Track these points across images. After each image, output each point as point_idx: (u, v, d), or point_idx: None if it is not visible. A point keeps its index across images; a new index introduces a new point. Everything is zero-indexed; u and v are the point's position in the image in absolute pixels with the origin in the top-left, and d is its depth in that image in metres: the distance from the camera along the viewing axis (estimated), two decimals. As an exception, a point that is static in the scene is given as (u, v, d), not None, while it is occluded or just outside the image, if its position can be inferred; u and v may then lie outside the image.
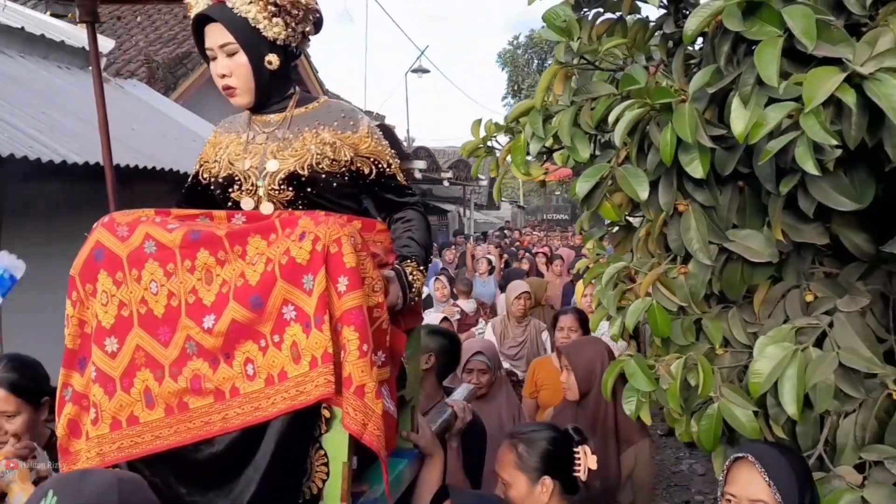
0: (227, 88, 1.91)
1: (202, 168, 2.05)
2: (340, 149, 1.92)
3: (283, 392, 1.62)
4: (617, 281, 2.26)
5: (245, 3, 1.82)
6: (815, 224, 1.95)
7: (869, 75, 1.46)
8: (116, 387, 1.69)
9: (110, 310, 1.70)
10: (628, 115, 1.86)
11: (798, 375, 1.84)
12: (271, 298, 1.63)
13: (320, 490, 1.67)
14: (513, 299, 5.51)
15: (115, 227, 1.73)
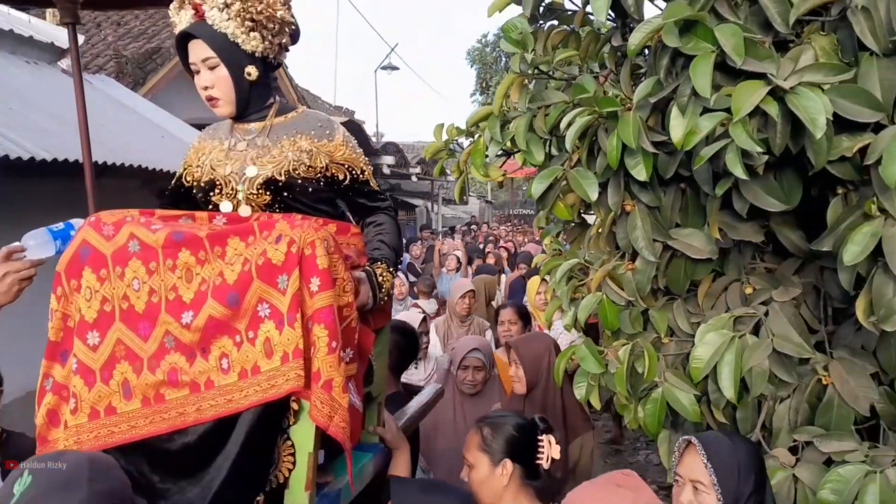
0: (211, 99, 2.01)
1: (186, 171, 2.15)
2: (317, 156, 2.02)
3: (256, 385, 1.69)
4: (570, 276, 2.40)
5: (223, 20, 1.92)
6: (750, 223, 2.10)
7: (790, 89, 1.61)
8: (96, 378, 1.75)
9: (93, 305, 1.76)
10: (579, 121, 2.00)
11: (735, 360, 1.98)
12: (247, 297, 1.70)
13: (286, 479, 1.74)
14: (457, 298, 5.41)
15: (101, 227, 1.80)
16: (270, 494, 1.74)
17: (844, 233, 1.77)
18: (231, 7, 1.92)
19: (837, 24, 1.78)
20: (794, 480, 1.98)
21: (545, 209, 2.31)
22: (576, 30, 2.26)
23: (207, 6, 1.93)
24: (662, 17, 1.74)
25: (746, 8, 1.83)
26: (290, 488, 1.74)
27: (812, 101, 1.58)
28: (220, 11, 1.92)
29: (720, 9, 1.79)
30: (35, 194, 4.86)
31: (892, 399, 1.98)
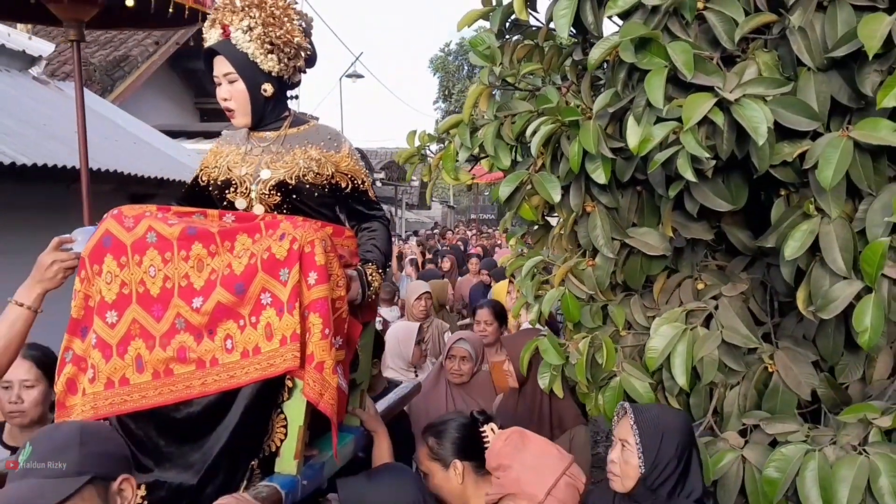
0: (228, 110, 2.20)
1: (202, 172, 2.32)
2: (324, 165, 2.21)
3: (256, 364, 1.88)
4: (535, 273, 2.54)
5: (245, 41, 2.11)
6: (701, 222, 2.26)
7: (735, 101, 1.77)
8: (113, 352, 1.94)
9: (113, 288, 1.95)
10: (543, 129, 2.14)
11: (687, 351, 2.13)
12: (252, 286, 1.89)
13: (278, 448, 1.94)
14: (413, 300, 5.41)
15: (123, 219, 1.98)
16: (263, 461, 1.93)
17: (786, 230, 1.94)
18: (253, 31, 2.10)
19: (778, 42, 1.96)
20: (742, 461, 2.13)
21: (511, 211, 2.45)
22: (540, 45, 2.41)
23: (233, 27, 2.11)
24: (619, 34, 1.89)
25: (696, 26, 1.99)
26: (281, 456, 1.93)
27: (755, 112, 1.74)
28: (244, 33, 2.11)
29: (672, 27, 1.95)
30: (17, 198, 4.92)
31: (831, 384, 2.14)
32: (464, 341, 3.66)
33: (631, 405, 2.08)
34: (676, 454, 1.98)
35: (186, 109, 11.49)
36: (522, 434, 2.28)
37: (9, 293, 4.38)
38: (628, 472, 2.01)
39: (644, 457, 1.97)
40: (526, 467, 2.18)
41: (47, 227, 5.27)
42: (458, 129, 2.52)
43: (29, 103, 5.79)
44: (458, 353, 3.63)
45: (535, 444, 2.26)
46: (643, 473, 1.98)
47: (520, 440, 2.26)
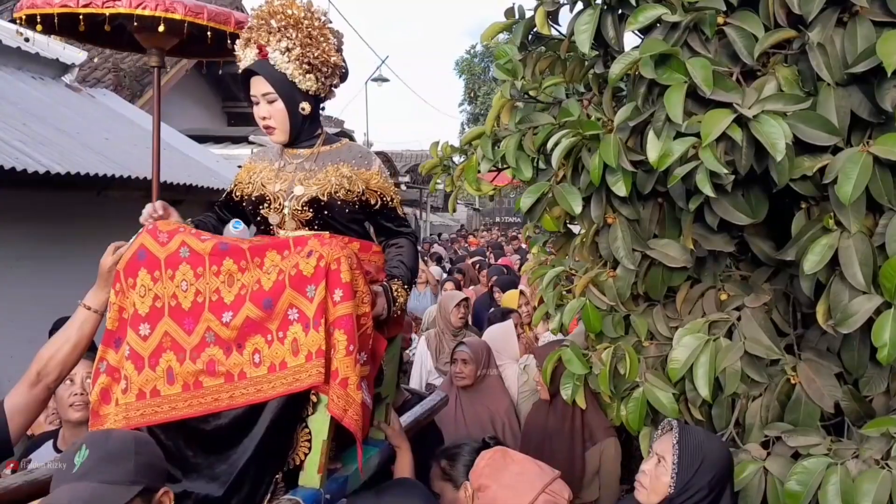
0: (267, 128, 2.25)
1: (236, 187, 2.38)
2: (355, 182, 2.24)
3: (283, 378, 1.91)
4: (556, 282, 2.56)
5: (284, 62, 2.15)
6: (722, 234, 2.27)
7: (753, 117, 1.78)
8: (145, 364, 1.98)
9: (146, 301, 2.00)
10: (564, 142, 2.17)
11: (709, 362, 2.15)
12: (280, 302, 1.93)
13: (302, 461, 1.97)
14: (451, 308, 5.18)
15: (157, 234, 2.03)
16: (288, 474, 1.97)
17: (805, 244, 1.95)
18: (292, 52, 2.15)
19: (798, 57, 1.97)
20: (764, 472, 2.14)
21: (533, 221, 2.48)
22: (562, 57, 2.43)
23: (271, 48, 2.15)
24: (640, 50, 1.91)
25: (716, 41, 2.00)
26: (305, 470, 1.96)
27: (773, 128, 1.76)
28: (282, 54, 2.15)
29: (692, 43, 1.97)
30: (49, 206, 5.06)
31: (854, 397, 2.13)
32: (464, 345, 3.77)
33: (679, 423, 2.08)
34: (709, 484, 1.98)
35: (214, 113, 11.63)
36: (505, 453, 2.33)
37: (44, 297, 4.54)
38: (657, 488, 2.02)
39: (677, 478, 1.99)
40: (503, 486, 2.22)
41: (79, 235, 5.44)
42: (480, 140, 2.55)
43: (62, 111, 5.93)
44: (458, 357, 3.72)
45: (515, 464, 2.30)
46: (671, 494, 1.99)
47: (501, 459, 2.30)
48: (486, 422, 3.44)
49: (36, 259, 5.11)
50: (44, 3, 3.01)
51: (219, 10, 3.10)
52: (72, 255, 5.32)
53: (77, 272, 5.32)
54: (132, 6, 2.91)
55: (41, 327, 4.83)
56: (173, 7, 2.95)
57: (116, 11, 2.91)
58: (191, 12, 2.99)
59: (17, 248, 5.00)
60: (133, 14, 2.90)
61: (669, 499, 1.99)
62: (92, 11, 2.93)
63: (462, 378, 3.64)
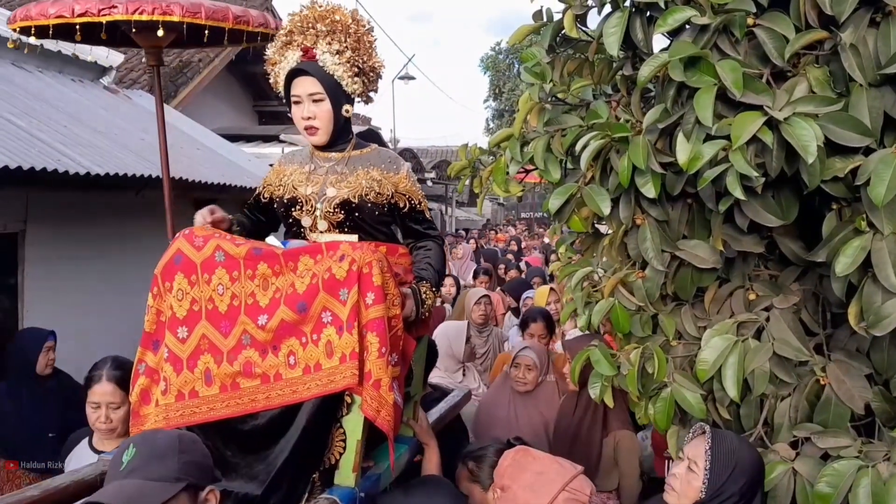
0: (310, 128, 2.30)
1: (265, 189, 2.44)
2: (385, 185, 2.31)
3: (317, 380, 1.98)
4: (584, 283, 2.57)
5: (334, 64, 2.24)
6: (751, 235, 2.26)
7: (784, 119, 1.78)
8: (183, 366, 2.05)
9: (184, 304, 2.06)
10: (593, 144, 2.18)
11: (738, 363, 2.14)
12: (314, 305, 1.99)
13: (337, 461, 2.03)
14: (472, 305, 5.19)
15: (193, 239, 2.10)
16: (324, 473, 2.03)
17: (837, 245, 1.93)
18: (342, 55, 2.24)
19: (830, 57, 1.95)
20: (793, 473, 2.12)
21: (561, 222, 2.49)
22: (590, 59, 2.44)
23: (320, 50, 2.23)
24: (669, 53, 1.91)
25: (746, 43, 2.00)
26: (341, 469, 2.03)
27: (804, 130, 1.75)
28: (332, 56, 2.23)
29: (721, 44, 1.97)
30: (89, 206, 5.20)
31: (885, 398, 2.12)
32: (529, 350, 3.65)
33: (712, 428, 2.09)
34: (740, 491, 1.99)
35: (245, 113, 11.75)
36: (527, 453, 2.36)
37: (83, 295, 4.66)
38: (688, 492, 2.03)
39: (708, 484, 1.99)
40: (524, 487, 2.25)
41: (117, 234, 5.55)
42: (508, 142, 2.57)
43: (101, 113, 6.06)
44: (523, 362, 3.61)
45: (536, 463, 2.33)
46: (702, 499, 1.99)
47: (523, 459, 2.33)
48: (541, 429, 3.42)
49: (76, 258, 5.24)
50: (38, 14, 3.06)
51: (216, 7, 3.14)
52: (110, 255, 5.46)
53: (115, 271, 5.47)
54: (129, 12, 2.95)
55: (82, 326, 4.98)
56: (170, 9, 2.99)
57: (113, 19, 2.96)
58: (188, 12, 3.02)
59: (59, 248, 5.15)
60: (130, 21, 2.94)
61: (700, 503, 1.99)
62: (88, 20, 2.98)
63: (524, 384, 3.58)
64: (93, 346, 4.62)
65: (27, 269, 4.99)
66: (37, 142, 4.50)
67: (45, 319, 4.89)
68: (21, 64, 6.04)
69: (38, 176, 4.03)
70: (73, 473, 2.01)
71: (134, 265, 5.41)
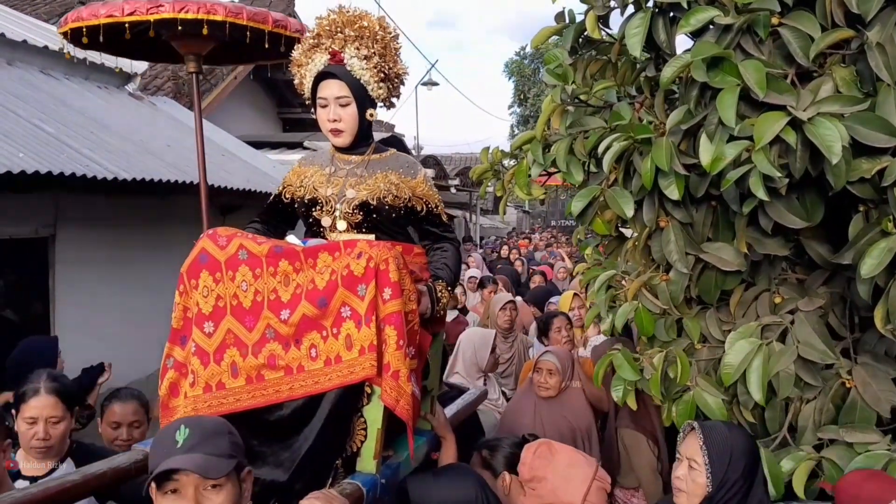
0: (335, 131, 2.36)
1: (285, 189, 2.50)
2: (402, 189, 2.37)
3: (338, 371, 2.05)
4: (608, 286, 2.57)
5: (362, 68, 2.29)
6: (776, 238, 2.25)
7: (808, 119, 1.77)
8: (210, 360, 2.12)
9: (209, 301, 2.14)
10: (616, 146, 2.18)
11: (763, 366, 2.13)
12: (333, 300, 2.06)
13: (359, 449, 2.11)
14: (497, 311, 5.12)
15: (217, 238, 2.17)
16: (346, 461, 2.10)
17: (863, 247, 1.91)
18: (370, 60, 2.29)
19: (857, 57, 1.93)
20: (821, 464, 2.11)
21: (584, 225, 2.49)
22: (613, 60, 2.44)
23: (347, 55, 2.29)
24: (691, 54, 1.91)
25: (770, 43, 1.99)
26: (362, 456, 2.11)
27: (829, 130, 1.74)
28: (360, 61, 2.29)
29: (745, 44, 1.96)
30: (116, 211, 5.30)
31: (913, 402, 2.08)
32: (551, 354, 3.63)
33: (699, 423, 2.11)
34: (742, 474, 2.01)
35: (269, 120, 11.84)
36: (550, 445, 2.43)
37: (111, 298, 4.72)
38: (695, 490, 2.05)
39: (712, 477, 2.01)
40: (559, 477, 2.33)
41: (143, 238, 5.63)
42: (530, 145, 2.57)
43: (126, 119, 6.15)
44: (544, 366, 3.59)
45: (563, 454, 2.41)
46: (710, 493, 2.01)
47: (548, 451, 2.40)
48: (567, 436, 3.39)
49: (104, 262, 5.33)
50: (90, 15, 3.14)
51: (257, 11, 3.23)
52: (136, 258, 5.54)
53: (141, 274, 5.55)
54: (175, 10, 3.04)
55: (110, 329, 5.05)
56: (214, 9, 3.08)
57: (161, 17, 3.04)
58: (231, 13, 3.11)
59: (87, 252, 5.24)
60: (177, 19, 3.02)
61: (709, 497, 2.02)
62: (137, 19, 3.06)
63: (546, 389, 3.57)
64: (120, 348, 4.71)
65: (57, 272, 5.09)
66: (65, 147, 4.59)
67: (74, 322, 4.99)
68: (48, 71, 6.15)
69: (66, 181, 4.11)
70: (110, 461, 2.09)
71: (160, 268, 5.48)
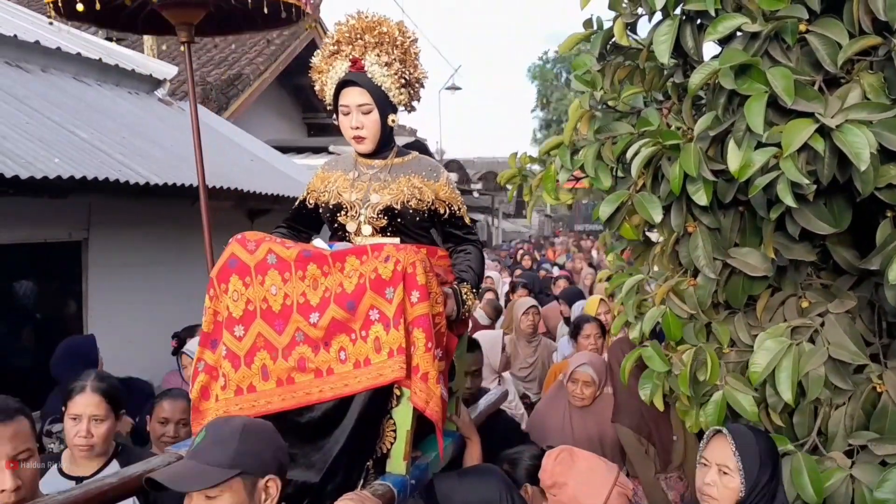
0: (358, 137, 2.39)
1: (309, 195, 2.54)
2: (426, 192, 2.40)
3: (367, 374, 2.08)
4: (636, 291, 2.59)
5: (382, 75, 2.32)
6: (803, 243, 2.26)
7: (836, 127, 1.78)
8: (241, 363, 2.15)
9: (239, 304, 2.16)
10: (644, 151, 2.20)
11: (792, 366, 2.12)
12: (362, 303, 2.08)
13: (388, 450, 2.13)
14: (520, 315, 5.19)
15: (246, 243, 2.20)
16: (376, 462, 2.14)
17: (891, 253, 1.93)
18: (391, 66, 2.32)
19: (884, 63, 1.95)
20: (851, 480, 2.11)
21: (612, 230, 2.52)
22: (640, 66, 2.47)
23: (368, 62, 2.32)
24: (719, 61, 1.93)
25: (798, 49, 2.00)
26: (392, 458, 2.13)
27: (857, 137, 1.75)
28: (381, 67, 2.32)
29: (772, 51, 1.98)
30: (147, 215, 5.41)
31: (944, 407, 2.09)
32: (587, 366, 3.56)
33: (727, 427, 2.12)
34: (769, 477, 2.03)
35: (295, 125, 11.97)
36: (571, 451, 2.43)
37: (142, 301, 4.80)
38: (728, 495, 2.06)
39: (746, 481, 2.03)
40: (580, 483, 2.32)
41: (173, 242, 5.72)
42: (558, 150, 2.60)
43: (156, 124, 6.26)
44: (581, 378, 3.54)
45: (583, 460, 2.40)
46: (742, 498, 2.03)
47: (568, 457, 2.39)
48: (596, 442, 3.41)
49: (135, 266, 5.43)
50: None
51: None
52: (167, 262, 5.63)
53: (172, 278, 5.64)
54: None
55: (142, 331, 5.15)
56: None
57: None
58: None
59: (119, 255, 5.35)
60: None
61: (741, 502, 2.03)
62: None
63: (581, 399, 3.55)
64: (152, 351, 4.79)
65: (90, 275, 5.19)
66: (98, 152, 4.67)
67: (107, 325, 5.08)
68: (81, 78, 6.28)
69: (100, 185, 4.18)
70: (146, 463, 2.11)
71: (190, 272, 5.57)
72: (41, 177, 3.79)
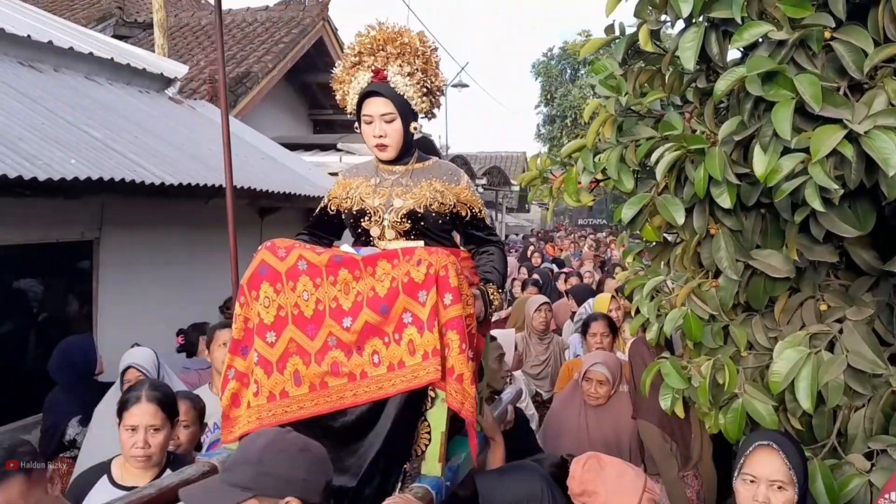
0: (381, 146, 2.42)
1: (331, 202, 2.56)
2: (447, 195, 2.42)
3: (401, 377, 2.10)
4: (655, 292, 2.61)
5: (405, 84, 2.35)
6: (826, 245, 2.27)
7: (864, 133, 1.80)
8: (273, 369, 2.16)
9: (271, 311, 2.17)
10: (668, 155, 2.22)
11: (812, 375, 2.14)
12: (395, 307, 2.11)
13: (423, 452, 2.15)
14: (532, 313, 5.20)
15: (276, 250, 2.21)
16: (411, 464, 2.14)
17: (912, 255, 1.95)
18: (413, 76, 2.36)
19: (909, 70, 1.97)
20: (869, 485, 2.13)
21: (634, 231, 2.54)
22: (662, 71, 2.49)
23: (391, 72, 2.35)
24: (746, 68, 1.95)
25: (823, 56, 2.02)
26: (427, 460, 2.15)
27: (885, 143, 1.78)
28: (404, 77, 2.35)
29: (798, 58, 2.00)
30: (160, 214, 5.43)
31: (963, 410, 2.11)
32: (602, 365, 3.56)
33: (774, 440, 2.10)
34: (807, 483, 2.06)
35: (301, 121, 11.98)
36: (598, 458, 2.43)
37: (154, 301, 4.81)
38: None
39: (799, 493, 2.04)
40: (610, 490, 2.32)
41: (186, 242, 5.73)
42: (580, 153, 2.63)
43: (168, 123, 6.29)
44: (594, 377, 3.54)
45: (611, 466, 2.40)
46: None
47: (597, 464, 2.39)
48: (612, 442, 3.43)
49: (147, 265, 5.46)
50: None
51: None
52: (179, 262, 5.66)
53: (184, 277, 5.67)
54: None
55: (151, 331, 5.16)
56: None
57: None
58: None
59: (131, 255, 5.37)
60: None
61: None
62: None
63: (596, 399, 3.55)
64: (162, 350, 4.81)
65: (101, 274, 5.21)
66: (112, 152, 4.70)
67: (116, 324, 5.11)
68: (93, 77, 6.31)
69: (114, 185, 4.21)
70: (181, 472, 2.13)
71: (202, 272, 5.61)
72: (59, 178, 3.82)
